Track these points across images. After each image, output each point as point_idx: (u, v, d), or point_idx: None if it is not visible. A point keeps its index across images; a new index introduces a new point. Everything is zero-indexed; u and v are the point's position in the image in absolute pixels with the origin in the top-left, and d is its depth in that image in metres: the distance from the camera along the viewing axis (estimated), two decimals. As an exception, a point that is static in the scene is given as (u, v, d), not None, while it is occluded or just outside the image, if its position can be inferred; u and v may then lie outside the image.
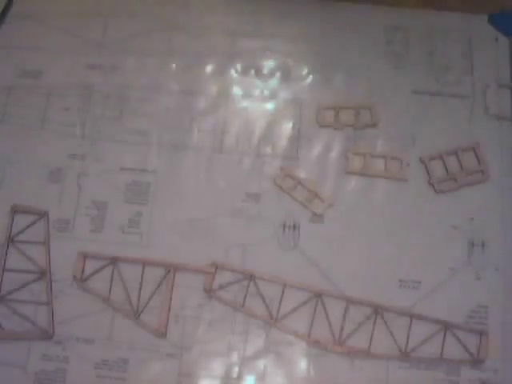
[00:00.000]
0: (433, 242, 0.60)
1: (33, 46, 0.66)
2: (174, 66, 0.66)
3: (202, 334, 0.57)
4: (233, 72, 0.66)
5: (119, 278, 0.58)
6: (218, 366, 0.57)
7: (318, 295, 0.58)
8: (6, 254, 0.59)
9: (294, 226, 0.60)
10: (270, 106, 0.65)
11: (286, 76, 0.66)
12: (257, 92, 0.65)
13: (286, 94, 0.65)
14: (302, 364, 0.57)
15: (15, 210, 0.60)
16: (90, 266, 0.59)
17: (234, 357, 0.57)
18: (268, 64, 0.66)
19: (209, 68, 0.66)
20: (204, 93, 0.65)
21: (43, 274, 0.58)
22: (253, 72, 0.66)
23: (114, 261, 0.59)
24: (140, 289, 0.58)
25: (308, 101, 0.65)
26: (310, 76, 0.66)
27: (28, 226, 0.60)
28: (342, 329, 0.57)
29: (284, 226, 0.60)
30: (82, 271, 0.58)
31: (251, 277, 0.58)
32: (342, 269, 0.59)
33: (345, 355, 0.57)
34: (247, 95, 0.65)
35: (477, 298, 0.58)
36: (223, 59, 0.66)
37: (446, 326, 0.57)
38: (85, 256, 0.59)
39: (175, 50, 0.66)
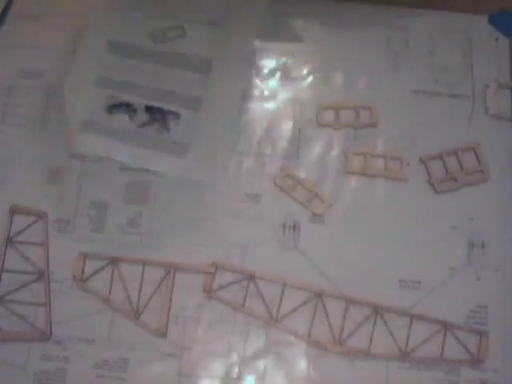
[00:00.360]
0: (433, 242, 0.60)
1: (33, 46, 0.67)
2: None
3: (202, 334, 0.57)
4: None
5: (119, 278, 0.58)
6: (218, 366, 0.57)
7: (318, 295, 0.58)
8: (5, 255, 0.59)
9: (294, 226, 0.60)
10: (270, 105, 0.65)
11: (286, 76, 0.66)
12: (257, 92, 0.65)
13: (285, 94, 0.65)
14: (302, 364, 0.57)
15: (14, 211, 0.60)
16: (90, 266, 0.59)
17: (234, 357, 0.57)
18: (268, 64, 0.66)
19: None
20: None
21: (42, 275, 0.58)
22: (253, 72, 0.66)
23: (113, 261, 0.59)
24: (140, 289, 0.58)
25: (308, 101, 0.65)
26: (310, 76, 0.66)
27: (27, 227, 0.60)
28: (341, 329, 0.57)
29: (284, 226, 0.60)
30: (82, 271, 0.58)
31: (251, 277, 0.58)
32: (342, 269, 0.59)
33: (345, 355, 0.57)
34: (247, 95, 0.65)
35: (477, 298, 0.58)
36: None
37: (446, 326, 0.57)
38: (85, 256, 0.59)
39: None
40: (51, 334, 0.57)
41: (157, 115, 0.62)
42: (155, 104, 0.62)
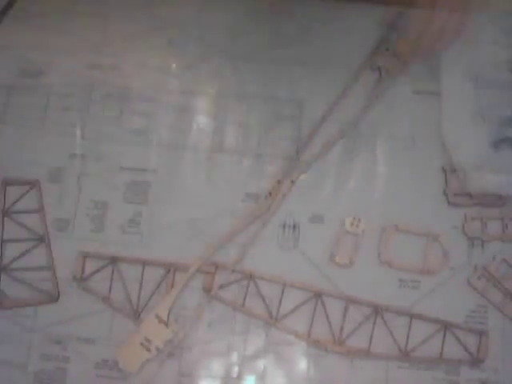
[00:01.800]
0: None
1: (33, 46, 0.66)
2: (174, 65, 0.66)
3: (202, 334, 0.57)
4: (233, 72, 0.66)
5: (119, 278, 0.58)
6: (217, 366, 0.57)
7: (318, 295, 0.58)
8: (3, 226, 0.59)
9: (294, 226, 0.60)
10: (270, 105, 0.65)
11: (287, 76, 0.66)
12: (257, 92, 0.65)
13: (286, 94, 0.65)
14: (302, 364, 0.57)
15: (6, 183, 0.61)
16: (90, 266, 0.59)
17: (234, 357, 0.57)
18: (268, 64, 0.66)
19: (209, 68, 0.65)
20: (204, 93, 0.65)
21: (41, 239, 0.59)
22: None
23: (113, 261, 0.59)
24: (140, 289, 0.58)
25: (308, 100, 0.65)
26: (310, 76, 0.66)
27: (21, 197, 0.60)
28: (341, 328, 0.57)
29: (284, 226, 0.60)
30: (82, 271, 0.58)
31: (251, 277, 0.58)
32: (341, 269, 0.59)
33: (344, 355, 0.57)
34: (247, 95, 0.65)
35: (477, 297, 0.58)
36: (223, 59, 0.66)
37: (446, 326, 0.57)
38: (85, 256, 0.59)
39: (175, 50, 0.66)
40: (59, 295, 0.57)
41: None
42: None
